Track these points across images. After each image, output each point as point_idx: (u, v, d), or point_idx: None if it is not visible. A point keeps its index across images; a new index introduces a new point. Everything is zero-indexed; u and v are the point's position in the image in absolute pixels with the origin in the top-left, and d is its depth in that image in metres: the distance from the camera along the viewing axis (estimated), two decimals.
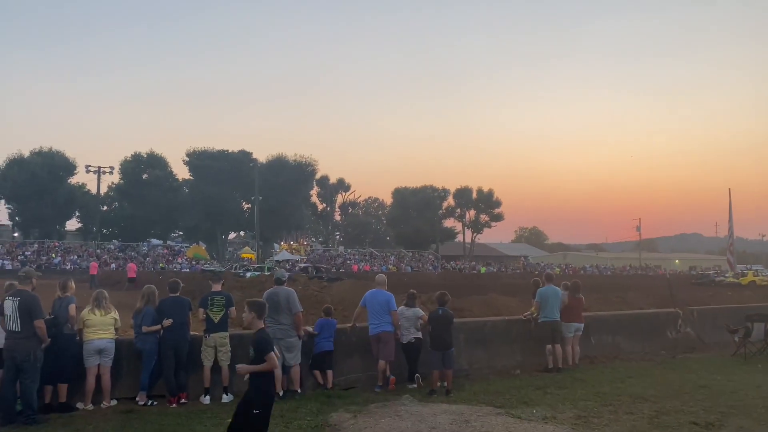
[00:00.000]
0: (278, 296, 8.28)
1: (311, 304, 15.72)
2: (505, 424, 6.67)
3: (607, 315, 13.22)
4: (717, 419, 6.97)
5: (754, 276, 47.92)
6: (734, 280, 45.52)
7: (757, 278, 46.92)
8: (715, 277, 52.81)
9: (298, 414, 7.22)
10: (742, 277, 46.44)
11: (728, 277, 50.01)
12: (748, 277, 47.09)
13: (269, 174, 68.38)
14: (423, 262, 77.40)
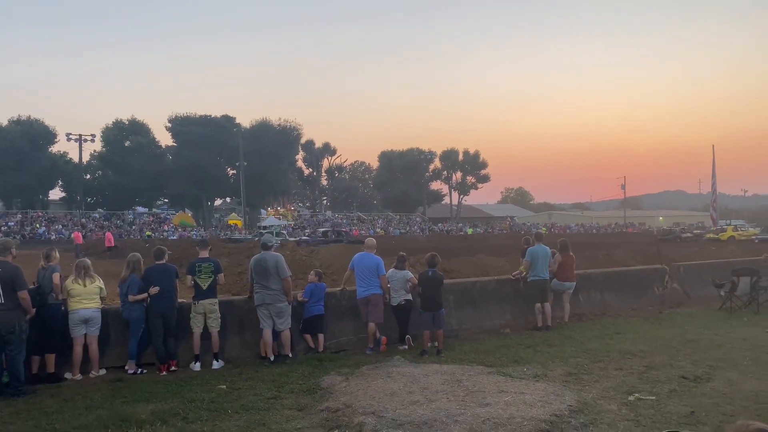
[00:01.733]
0: (266, 262, 8.18)
1: (300, 269, 15.67)
2: (497, 382, 6.70)
3: (595, 273, 13.28)
4: (705, 372, 7.06)
5: (734, 231, 48.48)
6: (714, 236, 46.08)
7: (736, 233, 47.48)
8: (681, 233, 53.26)
9: (289, 378, 7.21)
10: (721, 232, 46.95)
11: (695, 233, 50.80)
12: (728, 232, 47.62)
13: (253, 139, 67.65)
14: (411, 225, 77.61)
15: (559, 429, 5.20)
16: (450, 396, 6.20)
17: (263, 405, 6.19)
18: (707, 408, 5.74)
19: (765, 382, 6.61)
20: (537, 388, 6.44)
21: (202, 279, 8.05)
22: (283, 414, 5.89)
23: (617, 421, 5.41)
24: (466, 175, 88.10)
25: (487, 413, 5.56)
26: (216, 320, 8.05)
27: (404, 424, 5.34)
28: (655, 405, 5.87)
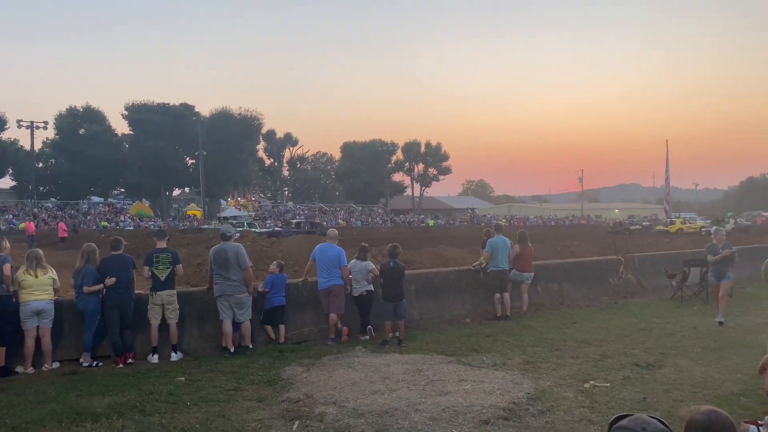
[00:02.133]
0: (226, 252, 8.08)
1: (261, 260, 15.52)
2: (457, 371, 6.79)
3: (553, 263, 13.55)
4: (657, 360, 7.29)
5: (682, 224, 49.97)
6: (664, 228, 47.52)
7: (684, 225, 48.94)
8: (630, 225, 54.67)
9: (250, 369, 7.15)
10: (670, 224, 48.48)
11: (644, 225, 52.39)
12: (677, 224, 49.11)
13: (213, 128, 66.51)
14: (373, 216, 77.68)
15: (517, 416, 5.30)
16: (411, 385, 6.25)
17: (223, 397, 6.13)
18: (658, 394, 5.93)
19: (713, 369, 6.87)
20: (496, 377, 6.55)
21: (159, 270, 7.89)
22: (243, 405, 5.84)
23: (573, 408, 5.55)
24: (427, 167, 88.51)
25: (447, 402, 5.64)
26: (174, 312, 7.91)
27: (365, 413, 5.37)
28: (610, 392, 6.04)
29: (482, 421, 5.15)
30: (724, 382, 6.35)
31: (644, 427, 1.73)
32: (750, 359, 7.25)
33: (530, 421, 5.19)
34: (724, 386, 6.18)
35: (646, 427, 1.73)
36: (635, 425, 1.74)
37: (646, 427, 1.73)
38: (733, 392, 5.96)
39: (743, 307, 11.11)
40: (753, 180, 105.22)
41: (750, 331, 8.91)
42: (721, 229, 10.46)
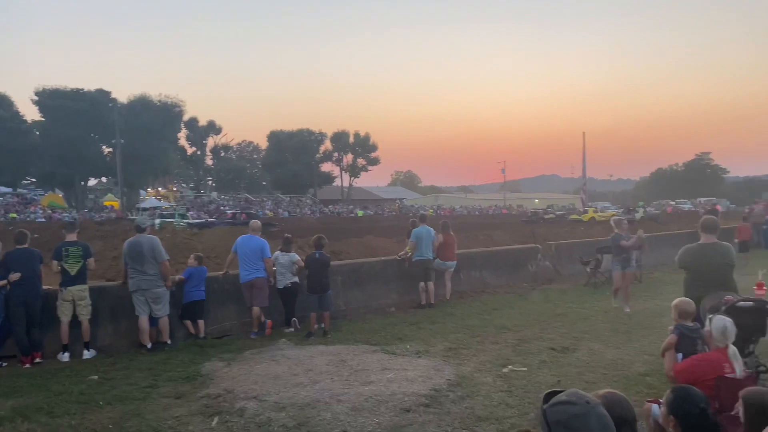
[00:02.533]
0: (141, 245, 7.76)
1: (181, 252, 15.05)
2: (380, 360, 6.83)
3: (476, 252, 13.87)
4: (571, 344, 7.61)
5: (595, 213, 52.38)
6: (577, 217, 49.75)
7: (596, 214, 51.29)
8: (544, 215, 56.91)
9: (168, 366, 6.93)
10: (584, 214, 50.81)
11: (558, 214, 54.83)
12: (590, 213, 51.49)
13: (131, 115, 63.64)
14: (301, 207, 76.93)
15: (438, 403, 5.39)
16: (334, 376, 6.24)
17: (138, 395, 5.91)
18: (572, 377, 6.19)
19: (622, 351, 7.23)
20: (419, 364, 6.64)
21: (69, 264, 7.49)
22: (160, 403, 5.65)
23: (492, 392, 5.70)
24: (356, 158, 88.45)
25: (370, 391, 5.66)
26: (86, 308, 7.54)
27: (287, 406, 5.32)
28: (527, 376, 6.24)
29: (403, 409, 5.20)
30: (633, 363, 6.70)
31: (587, 401, 1.72)
32: (656, 341, 7.68)
33: (450, 407, 5.29)
34: (632, 367, 6.52)
35: (589, 400, 1.72)
36: (577, 399, 1.72)
37: (589, 401, 1.72)
38: (640, 373, 6.30)
39: (651, 292, 11.77)
40: (662, 171, 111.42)
41: (656, 314, 9.43)
42: (622, 219, 10.39)
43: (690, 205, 70.03)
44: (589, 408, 1.68)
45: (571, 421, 1.65)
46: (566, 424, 1.65)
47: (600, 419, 1.67)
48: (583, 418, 1.65)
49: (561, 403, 1.71)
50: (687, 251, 6.43)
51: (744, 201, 66.22)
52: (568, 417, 1.65)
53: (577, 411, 1.66)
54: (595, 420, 1.65)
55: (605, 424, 1.67)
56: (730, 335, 3.92)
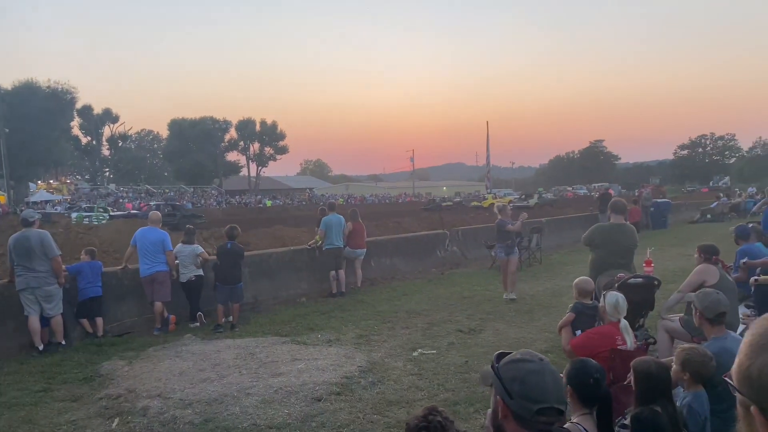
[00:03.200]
0: (29, 241, 7.20)
1: (77, 248, 14.15)
2: (291, 351, 6.74)
3: (385, 239, 13.99)
4: (478, 325, 7.85)
5: (493, 199, 54.49)
6: (478, 203, 51.66)
7: (495, 200, 53.36)
8: (442, 202, 58.54)
9: (62, 368, 6.50)
10: (483, 200, 52.88)
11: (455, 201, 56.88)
12: (489, 200, 53.57)
13: (17, 102, 58.86)
14: (206, 198, 74.56)
15: (350, 390, 5.39)
16: (243, 370, 6.09)
17: (30, 399, 5.52)
18: (479, 357, 6.38)
19: (525, 330, 7.55)
20: (330, 353, 6.61)
21: None
22: (54, 407, 5.30)
23: (402, 376, 5.77)
24: (264, 146, 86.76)
25: (280, 383, 5.57)
26: None
27: (193, 403, 5.13)
28: (436, 358, 6.38)
29: (315, 399, 5.16)
30: (535, 341, 7.00)
31: (540, 358, 1.76)
32: (556, 319, 8.02)
33: (362, 393, 5.30)
34: (534, 345, 6.80)
35: (542, 357, 1.76)
36: (531, 356, 1.75)
37: (542, 358, 1.76)
38: (542, 350, 6.58)
39: (551, 272, 12.36)
40: (560, 158, 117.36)
41: (556, 294, 9.93)
42: (505, 205, 10.18)
43: (585, 191, 74.25)
44: (543, 365, 1.73)
45: (527, 377, 1.70)
46: (522, 380, 1.69)
47: (553, 375, 1.73)
48: (539, 374, 1.70)
49: (515, 361, 1.76)
50: (598, 230, 6.71)
51: (634, 185, 70.97)
52: (525, 373, 1.70)
53: (533, 367, 1.72)
54: (550, 376, 1.71)
55: (558, 379, 1.74)
56: (622, 310, 4.17)
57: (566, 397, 1.85)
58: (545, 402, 1.67)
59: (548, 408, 1.68)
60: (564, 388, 1.78)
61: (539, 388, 1.68)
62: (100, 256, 10.04)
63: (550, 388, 1.69)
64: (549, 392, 1.69)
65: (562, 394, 1.74)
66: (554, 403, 1.69)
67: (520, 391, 1.69)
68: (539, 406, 1.67)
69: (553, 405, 1.68)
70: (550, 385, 1.70)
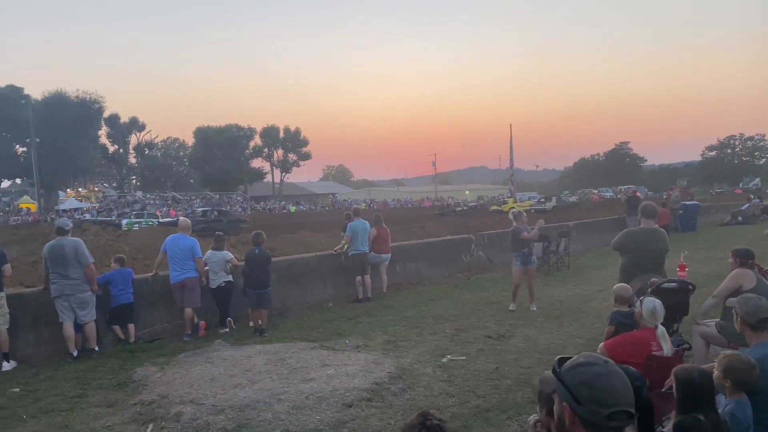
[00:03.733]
0: (64, 248, 7.34)
1: (106, 256, 14.40)
2: (320, 357, 6.76)
3: (410, 244, 13.96)
4: (507, 331, 7.78)
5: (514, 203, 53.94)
6: (497, 208, 51.26)
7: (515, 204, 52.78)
8: (456, 207, 58.10)
9: (96, 374, 6.61)
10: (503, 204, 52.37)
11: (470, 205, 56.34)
12: (509, 204, 53.04)
13: (47, 112, 60.32)
14: (232, 204, 75.30)
15: (380, 396, 5.38)
16: (273, 375, 6.12)
17: (66, 405, 5.61)
18: (509, 363, 6.33)
19: (555, 336, 7.47)
20: (359, 359, 6.61)
21: None
22: (89, 413, 5.39)
23: (432, 382, 5.75)
24: (287, 153, 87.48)
25: (311, 388, 5.59)
26: (4, 317, 7.07)
27: (225, 408, 5.17)
28: (465, 364, 6.34)
29: (345, 405, 5.16)
30: (565, 347, 6.92)
31: (605, 360, 1.71)
32: (586, 324, 8.00)
33: (392, 400, 5.29)
34: (565, 351, 6.72)
35: (607, 360, 1.72)
36: (596, 360, 1.71)
37: (606, 360, 1.71)
38: (573, 355, 6.50)
39: (579, 277, 12.21)
40: (585, 161, 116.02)
41: (585, 299, 9.81)
42: (521, 212, 9.58)
43: (611, 193, 73.29)
44: (609, 367, 1.69)
45: (595, 380, 1.65)
46: (590, 384, 1.64)
47: (621, 377, 1.68)
48: (606, 377, 1.65)
49: (580, 365, 1.71)
50: (628, 235, 6.58)
51: (660, 188, 69.93)
52: (592, 377, 1.65)
53: (599, 370, 1.67)
54: (617, 378, 1.66)
55: (626, 381, 1.68)
56: (659, 316, 4.10)
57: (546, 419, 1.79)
58: (616, 405, 1.62)
59: (619, 411, 1.62)
60: (631, 390, 1.71)
61: (608, 392, 1.63)
62: (129, 263, 10.22)
63: (620, 390, 1.64)
64: (619, 395, 1.63)
65: (631, 396, 1.68)
66: (624, 406, 1.64)
67: (588, 395, 1.64)
68: (610, 410, 1.62)
69: (623, 408, 1.63)
70: (619, 388, 1.64)
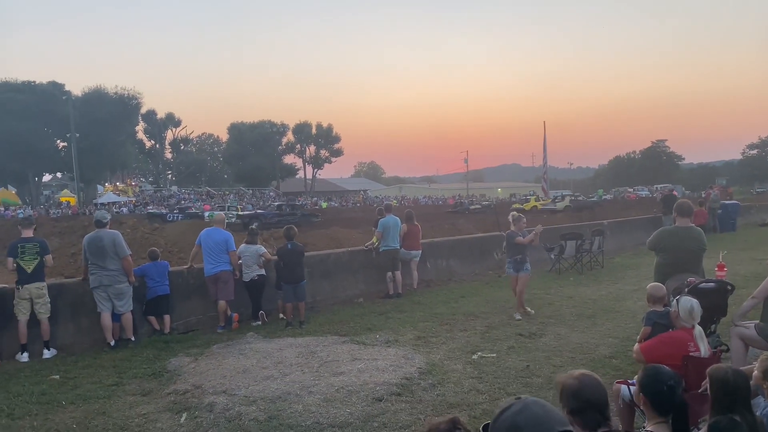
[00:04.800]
0: (102, 240, 7.53)
1: (142, 248, 14.72)
2: (350, 351, 6.80)
3: (441, 241, 13.94)
4: (538, 329, 7.71)
5: (536, 201, 53.14)
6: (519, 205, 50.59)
7: (537, 203, 51.94)
8: (469, 205, 57.38)
9: (132, 363, 6.77)
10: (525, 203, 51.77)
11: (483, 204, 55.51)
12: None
13: (86, 108, 61.76)
14: (264, 200, 76.14)
15: (410, 391, 5.40)
16: (304, 368, 6.19)
17: (103, 393, 5.76)
18: (540, 361, 6.27)
19: (588, 335, 7.36)
20: (389, 354, 6.63)
21: (26, 261, 7.23)
22: (125, 401, 5.52)
23: (462, 379, 5.73)
24: (319, 149, 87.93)
25: (341, 382, 5.63)
26: (45, 305, 7.30)
27: (257, 400, 5.25)
28: (496, 362, 6.30)
29: (376, 399, 5.19)
30: (598, 346, 6.82)
31: (518, 397, 1.69)
32: (620, 324, 7.87)
33: (422, 395, 5.30)
34: (598, 350, 6.63)
35: (519, 396, 1.69)
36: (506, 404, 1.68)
37: (519, 396, 1.69)
38: (606, 355, 6.42)
39: (613, 276, 12.02)
40: (620, 159, 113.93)
41: (619, 298, 9.65)
42: (520, 215, 9.04)
43: (647, 192, 71.84)
44: (524, 401, 1.65)
45: (518, 418, 1.60)
46: (516, 426, 1.60)
47: (537, 403, 1.65)
48: (524, 411, 1.62)
49: (497, 417, 1.66)
50: (663, 233, 6.42)
51: (698, 187, 68.31)
52: (513, 417, 1.61)
53: (516, 409, 1.63)
54: (535, 406, 1.63)
55: (543, 404, 1.65)
56: (696, 315, 4.02)
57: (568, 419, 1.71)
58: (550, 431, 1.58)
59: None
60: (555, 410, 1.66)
61: (535, 422, 1.59)
62: (164, 256, 10.43)
63: (543, 416, 1.60)
64: (545, 421, 1.59)
65: (558, 416, 1.63)
66: (559, 428, 1.59)
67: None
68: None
69: (559, 429, 1.58)
70: (542, 415, 1.60)
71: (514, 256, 8.66)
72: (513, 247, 8.66)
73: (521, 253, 8.65)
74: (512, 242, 8.66)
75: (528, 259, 8.79)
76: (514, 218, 8.87)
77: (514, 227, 8.72)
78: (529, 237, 8.56)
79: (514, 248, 8.66)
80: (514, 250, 8.66)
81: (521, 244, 8.57)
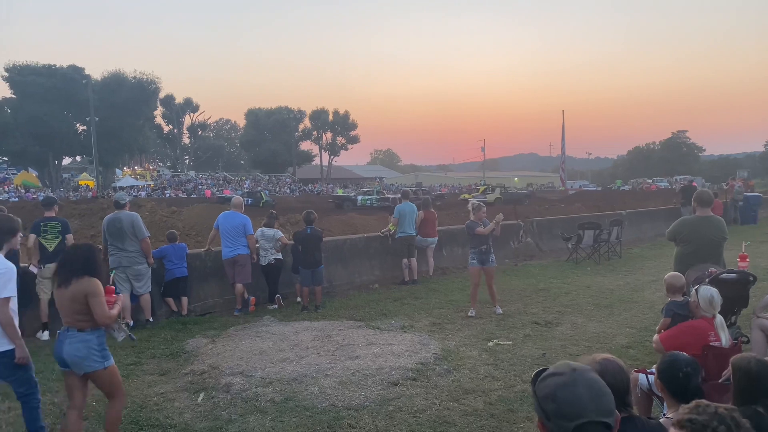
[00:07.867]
0: (121, 222, 7.60)
1: (160, 231, 14.85)
2: (366, 335, 6.83)
3: (457, 228, 13.87)
4: (555, 318, 7.68)
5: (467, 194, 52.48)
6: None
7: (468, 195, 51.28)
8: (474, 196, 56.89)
9: (151, 343, 6.85)
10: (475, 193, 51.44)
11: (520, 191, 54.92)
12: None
13: (106, 92, 62.21)
14: (280, 186, 76.42)
15: (425, 376, 5.41)
16: (320, 351, 6.23)
17: (122, 372, 5.76)
18: (557, 350, 6.25)
19: (605, 324, 7.32)
20: (404, 339, 6.65)
21: (47, 240, 7.33)
22: (144, 380, 5.60)
23: (478, 365, 5.73)
24: (336, 136, 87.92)
25: (357, 365, 5.66)
26: None
27: (273, 381, 5.29)
28: (512, 349, 6.29)
29: (391, 383, 5.21)
30: (615, 336, 6.78)
31: (574, 368, 1.61)
32: (637, 314, 7.82)
33: (437, 380, 5.31)
34: (615, 340, 6.60)
35: (576, 367, 1.61)
36: (563, 369, 1.61)
37: (576, 368, 1.61)
38: (623, 345, 6.38)
39: (631, 266, 11.91)
40: (639, 149, 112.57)
41: (636, 289, 9.58)
42: (480, 204, 8.37)
43: (666, 183, 70.99)
44: (575, 375, 1.57)
45: (558, 392, 1.55)
46: (553, 397, 1.55)
47: (589, 384, 1.56)
48: (570, 386, 1.54)
49: (546, 377, 1.62)
50: (684, 223, 6.34)
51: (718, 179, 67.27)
52: (554, 389, 1.56)
53: (562, 381, 1.57)
54: (584, 387, 1.55)
55: (596, 388, 1.56)
56: (717, 305, 3.97)
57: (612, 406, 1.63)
58: (581, 417, 1.49)
59: (587, 423, 1.49)
60: (607, 396, 1.58)
61: (572, 403, 1.51)
62: (182, 239, 10.50)
63: (585, 400, 1.51)
64: (584, 406, 1.51)
65: (603, 405, 1.54)
66: (594, 417, 1.50)
67: (553, 409, 1.53)
68: (575, 423, 1.49)
69: (592, 419, 1.50)
70: (585, 398, 1.51)
71: (479, 247, 8.06)
72: (475, 238, 8.09)
73: (486, 244, 8.07)
74: (472, 233, 8.09)
75: (492, 250, 8.19)
76: (474, 207, 8.28)
77: (473, 217, 8.14)
78: (489, 227, 7.97)
79: (477, 239, 8.08)
80: (478, 241, 8.08)
81: (482, 234, 8.01)
